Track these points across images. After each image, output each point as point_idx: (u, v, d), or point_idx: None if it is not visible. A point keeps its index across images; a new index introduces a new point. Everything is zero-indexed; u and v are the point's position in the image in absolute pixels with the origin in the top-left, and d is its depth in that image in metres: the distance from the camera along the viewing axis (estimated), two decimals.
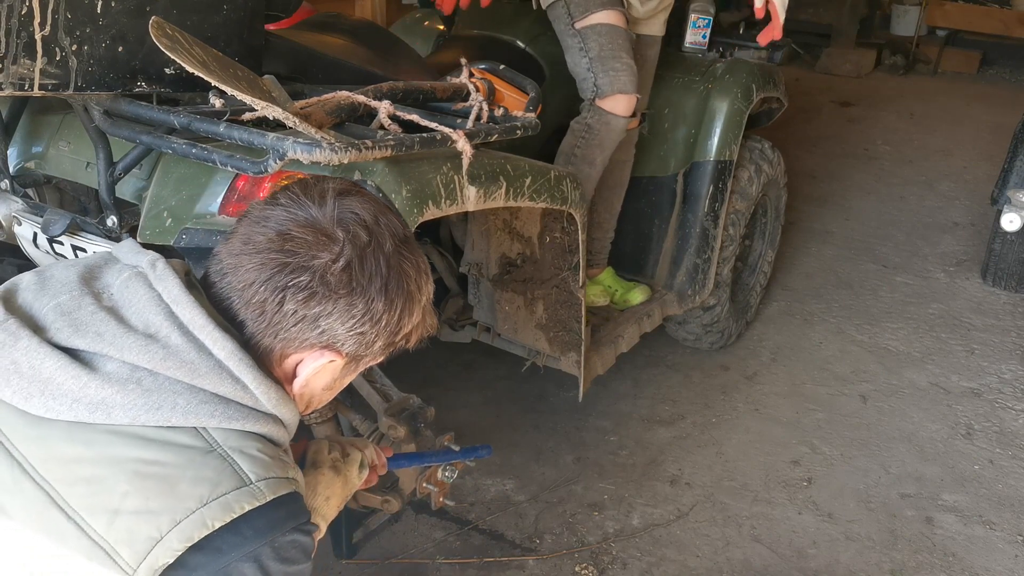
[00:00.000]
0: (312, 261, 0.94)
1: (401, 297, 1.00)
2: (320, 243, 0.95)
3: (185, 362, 0.91)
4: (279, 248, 0.94)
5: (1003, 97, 6.77)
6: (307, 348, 0.99)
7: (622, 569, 2.16)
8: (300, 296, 0.94)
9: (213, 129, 1.38)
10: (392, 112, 1.58)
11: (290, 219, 0.96)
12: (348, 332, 0.98)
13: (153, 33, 1.26)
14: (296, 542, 0.96)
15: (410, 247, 1.03)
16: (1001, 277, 3.76)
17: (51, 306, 0.94)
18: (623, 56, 2.37)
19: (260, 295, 0.95)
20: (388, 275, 0.98)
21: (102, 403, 0.89)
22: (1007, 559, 2.26)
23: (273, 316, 0.95)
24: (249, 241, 0.96)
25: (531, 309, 2.27)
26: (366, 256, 0.97)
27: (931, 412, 2.88)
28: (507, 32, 2.66)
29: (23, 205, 1.78)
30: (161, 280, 0.96)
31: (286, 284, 0.94)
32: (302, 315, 0.95)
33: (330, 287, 0.95)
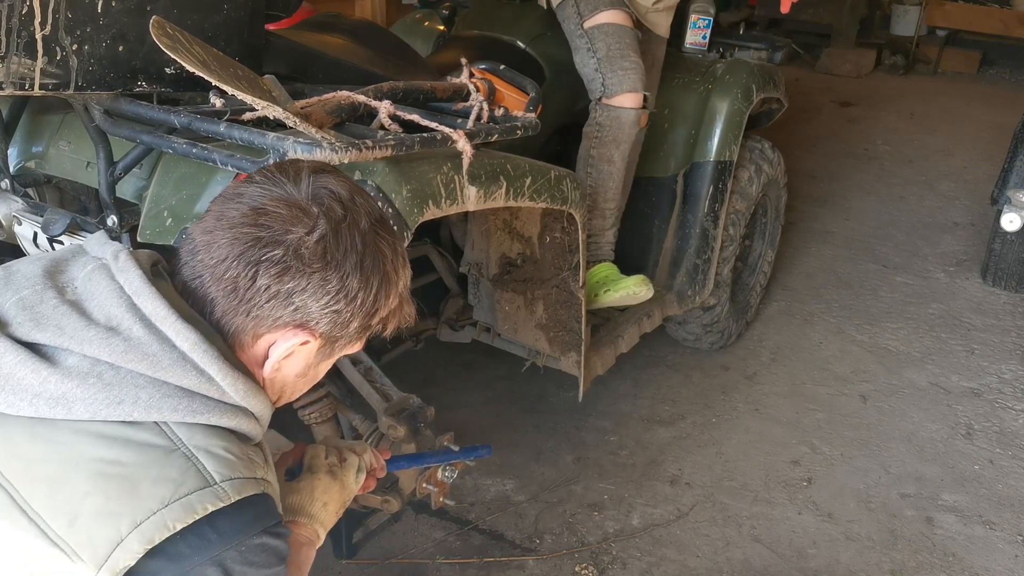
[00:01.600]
0: (286, 235, 0.92)
1: (377, 276, 0.98)
2: (294, 217, 0.93)
3: (147, 355, 0.89)
4: (253, 222, 0.93)
5: (1003, 97, 6.78)
6: (280, 327, 0.96)
7: (622, 569, 2.16)
8: (273, 270, 0.92)
9: (213, 129, 1.38)
10: (392, 112, 1.58)
11: (264, 195, 0.94)
12: (322, 309, 0.95)
13: (154, 32, 1.26)
14: (265, 546, 0.93)
15: (386, 228, 1.01)
16: (1001, 277, 3.76)
17: (13, 301, 0.92)
18: (631, 55, 2.38)
19: (232, 270, 0.93)
20: (364, 251, 0.96)
21: (62, 398, 0.86)
22: (1007, 559, 2.26)
23: (245, 292, 0.93)
24: (222, 217, 0.94)
25: (531, 309, 2.27)
26: (341, 231, 0.95)
27: (931, 412, 2.88)
28: (507, 32, 2.66)
29: (23, 205, 1.78)
30: (123, 272, 0.94)
31: (259, 258, 0.92)
32: (275, 291, 0.93)
33: (304, 261, 0.93)
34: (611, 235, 2.55)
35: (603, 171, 2.44)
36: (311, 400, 1.79)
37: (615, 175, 2.46)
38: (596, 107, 2.43)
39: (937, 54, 7.72)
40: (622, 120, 2.40)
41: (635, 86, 2.38)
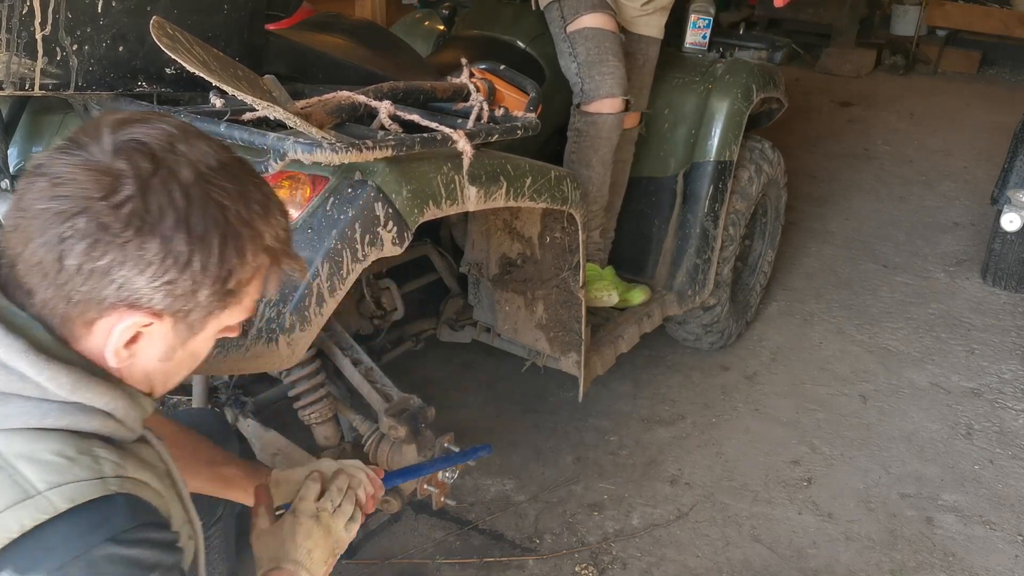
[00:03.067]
0: (87, 204, 0.79)
1: (215, 232, 0.83)
2: (94, 181, 0.80)
3: None
4: (50, 195, 0.80)
5: (1003, 97, 6.78)
6: (110, 310, 0.83)
7: (622, 569, 2.16)
8: (79, 247, 0.79)
9: (214, 129, 1.38)
10: (393, 112, 1.58)
11: (61, 163, 0.81)
12: (150, 283, 0.81)
13: (154, 33, 1.26)
14: (116, 557, 0.79)
15: (226, 174, 0.85)
16: (1001, 277, 3.76)
17: None
18: (610, 59, 2.38)
19: (39, 253, 0.80)
20: (187, 208, 0.81)
21: None
22: (1007, 559, 2.26)
23: (57, 276, 0.81)
24: (22, 196, 0.82)
25: (531, 309, 2.27)
26: (151, 187, 0.80)
27: (931, 412, 2.88)
28: (507, 32, 2.66)
29: None
30: None
31: (62, 235, 0.79)
32: (88, 269, 0.80)
33: (110, 231, 0.79)
34: (595, 236, 2.57)
35: (581, 175, 2.44)
36: (311, 400, 1.79)
37: (594, 179, 2.47)
38: (575, 112, 2.45)
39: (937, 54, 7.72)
40: (599, 125, 2.41)
41: (612, 91, 2.37)
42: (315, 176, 1.50)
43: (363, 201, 1.47)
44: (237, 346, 1.45)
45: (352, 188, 1.48)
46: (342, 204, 1.47)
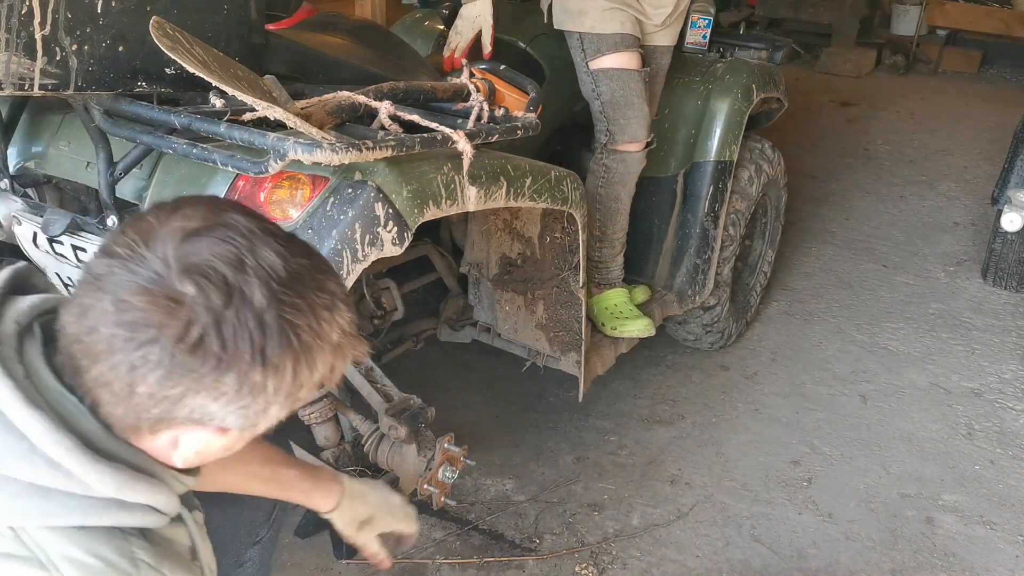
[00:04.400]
0: (158, 334, 0.75)
1: (289, 357, 0.79)
2: (163, 309, 0.75)
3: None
4: (116, 321, 0.76)
5: (1003, 97, 6.77)
6: (179, 425, 0.81)
7: (622, 569, 2.16)
8: (152, 377, 0.76)
9: (214, 129, 1.38)
10: (393, 112, 1.58)
11: (125, 278, 0.76)
12: (224, 408, 0.79)
13: (154, 33, 1.26)
14: None
15: (298, 288, 0.80)
16: (1001, 277, 3.76)
17: None
18: (635, 101, 2.39)
19: (108, 377, 0.77)
20: (263, 337, 0.77)
21: None
22: (1007, 559, 2.26)
23: (128, 399, 0.78)
24: (86, 312, 0.77)
25: (531, 309, 2.27)
26: (224, 321, 0.76)
27: (931, 412, 2.88)
28: (507, 32, 2.65)
29: (23, 205, 1.78)
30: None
31: (133, 364, 0.76)
32: (161, 397, 0.77)
33: (185, 366, 0.76)
34: (620, 260, 2.61)
35: (611, 208, 2.51)
36: (311, 400, 1.79)
37: (622, 211, 2.53)
38: (603, 151, 2.47)
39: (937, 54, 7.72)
40: (628, 163, 2.47)
41: (636, 135, 2.42)
42: (315, 176, 1.50)
43: (363, 201, 1.47)
44: None
45: (352, 188, 1.48)
46: (342, 204, 1.47)
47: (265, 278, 0.78)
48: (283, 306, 0.78)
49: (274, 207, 1.51)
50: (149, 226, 0.78)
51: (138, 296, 0.75)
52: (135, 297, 0.75)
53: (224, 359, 0.76)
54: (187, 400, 0.77)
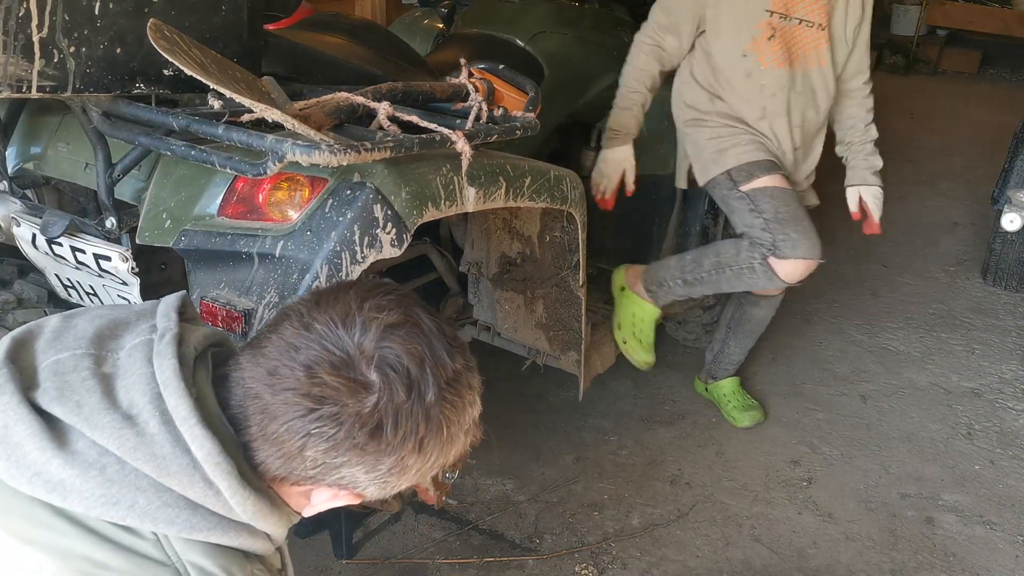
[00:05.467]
0: (341, 411, 0.84)
1: (438, 447, 0.91)
2: (351, 391, 0.85)
3: (156, 455, 0.82)
4: (306, 392, 0.85)
5: (1003, 97, 6.77)
6: (323, 485, 0.90)
7: (622, 569, 2.16)
8: (323, 446, 0.85)
9: (212, 131, 1.38)
10: (391, 113, 1.58)
11: (322, 355, 0.85)
12: (371, 480, 0.89)
13: (151, 35, 1.26)
14: None
15: (457, 387, 0.91)
16: (1001, 277, 3.76)
17: (51, 362, 0.86)
18: (803, 219, 2.26)
19: (280, 434, 0.86)
20: (426, 431, 0.88)
21: (60, 485, 0.80)
22: (1007, 559, 2.25)
23: (290, 457, 0.87)
24: (275, 373, 0.86)
25: (531, 308, 2.27)
26: (401, 414, 0.86)
27: (931, 412, 2.88)
28: (506, 31, 2.66)
29: (22, 206, 1.78)
30: (160, 356, 0.86)
31: (309, 431, 0.85)
32: (322, 462, 0.87)
33: (357, 443, 0.85)
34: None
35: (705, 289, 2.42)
36: None
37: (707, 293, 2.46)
38: (760, 258, 2.27)
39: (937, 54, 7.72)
40: (772, 286, 2.33)
41: (808, 254, 2.23)
42: (314, 178, 1.50)
43: (362, 203, 1.46)
44: None
45: (351, 190, 1.48)
46: (341, 206, 1.47)
47: (438, 376, 0.89)
48: (445, 403, 0.89)
49: (273, 208, 1.51)
50: (347, 309, 0.88)
51: (331, 374, 0.85)
52: (328, 374, 0.85)
53: (392, 445, 0.87)
54: (343, 470, 0.87)
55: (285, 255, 1.47)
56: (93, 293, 1.81)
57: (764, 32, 2.22)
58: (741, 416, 2.73)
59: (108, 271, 1.68)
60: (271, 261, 1.48)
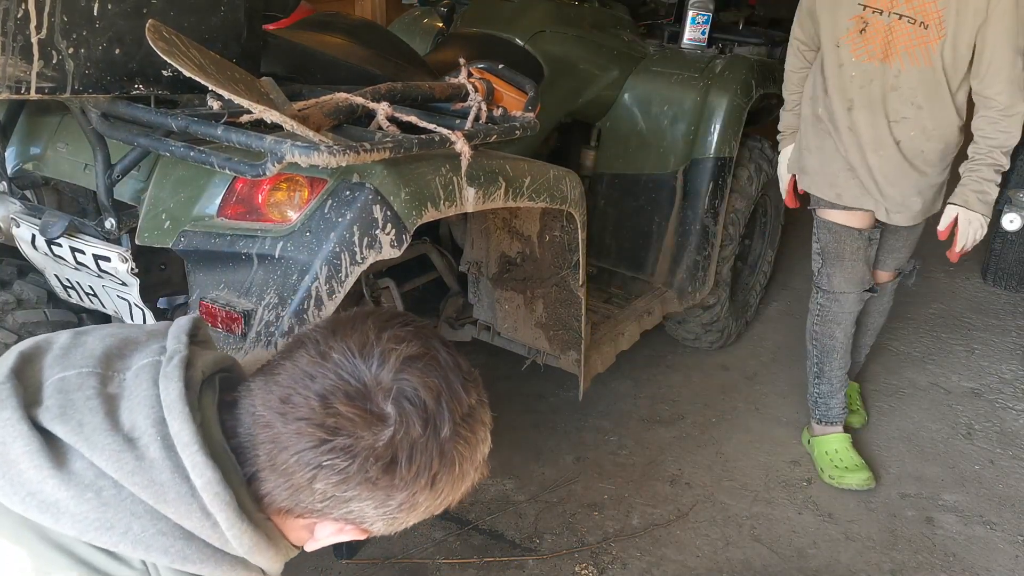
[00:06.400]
0: (355, 444, 0.82)
1: (449, 484, 0.89)
2: (366, 423, 0.83)
3: (155, 481, 0.79)
4: (319, 422, 0.83)
5: None
6: (329, 519, 0.88)
7: (622, 569, 2.15)
8: (334, 479, 0.83)
9: (211, 132, 1.38)
10: (390, 113, 1.58)
11: (338, 384, 0.84)
12: (379, 516, 0.88)
13: (150, 37, 1.26)
14: None
15: (472, 422, 0.90)
16: (1001, 277, 3.76)
17: (56, 379, 0.85)
18: (846, 257, 2.44)
19: (291, 465, 0.84)
20: (439, 467, 0.86)
21: (54, 505, 0.78)
22: (1007, 559, 2.25)
23: (299, 488, 0.84)
24: (288, 400, 0.84)
25: (531, 308, 2.27)
26: (416, 449, 0.84)
27: (931, 412, 2.88)
28: (506, 30, 2.65)
29: (21, 207, 1.78)
30: (166, 378, 0.84)
31: (320, 463, 0.83)
32: (331, 495, 0.84)
33: (369, 477, 0.83)
34: (841, 397, 2.62)
35: (826, 345, 2.57)
36: None
37: (838, 349, 2.56)
38: (817, 290, 2.56)
39: None
40: (841, 303, 2.50)
41: (842, 287, 2.47)
42: (313, 178, 1.50)
43: (361, 204, 1.46)
44: (235, 350, 1.44)
45: (350, 191, 1.48)
46: (340, 207, 1.47)
47: (454, 411, 0.87)
48: (459, 439, 0.88)
49: (272, 209, 1.51)
50: (365, 339, 0.86)
51: (346, 405, 0.83)
52: (343, 405, 0.82)
53: (405, 480, 0.85)
54: (352, 504, 0.85)
55: (284, 256, 1.47)
56: (92, 293, 1.81)
57: (856, 25, 2.23)
58: None
59: (107, 272, 1.68)
60: (270, 262, 1.47)
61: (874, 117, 2.27)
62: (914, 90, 2.22)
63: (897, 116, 2.26)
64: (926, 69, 2.19)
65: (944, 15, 2.13)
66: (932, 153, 2.32)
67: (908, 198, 2.36)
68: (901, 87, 2.22)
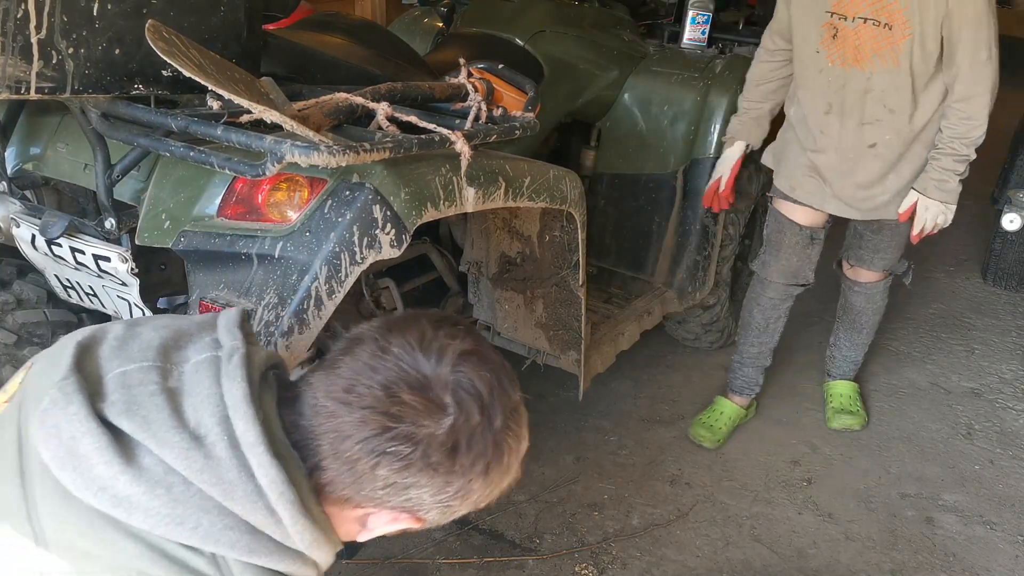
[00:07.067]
0: (417, 431, 0.86)
1: (499, 474, 0.93)
2: (428, 412, 0.87)
3: (223, 480, 0.82)
4: (384, 410, 0.86)
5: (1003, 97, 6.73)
6: (386, 508, 0.92)
7: (622, 569, 2.15)
8: (396, 465, 0.87)
9: (211, 132, 1.38)
10: (390, 113, 1.58)
11: (400, 375, 0.88)
12: (435, 503, 0.91)
13: (150, 37, 1.26)
14: None
15: (518, 417, 0.95)
16: (1001, 277, 3.76)
17: (117, 373, 0.87)
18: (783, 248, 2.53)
19: (354, 453, 0.87)
20: (492, 456, 0.91)
21: (126, 500, 0.80)
22: (1007, 559, 2.25)
23: (362, 475, 0.88)
24: (352, 390, 0.88)
25: (531, 308, 2.27)
26: (475, 436, 0.89)
27: (931, 412, 2.88)
28: (506, 30, 2.65)
29: (21, 207, 1.78)
30: (229, 378, 0.87)
31: (384, 449, 0.86)
32: (392, 481, 0.88)
33: (430, 463, 0.87)
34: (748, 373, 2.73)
35: (744, 320, 2.70)
36: None
37: (752, 328, 2.67)
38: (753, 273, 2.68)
39: None
40: (766, 288, 2.61)
41: (771, 276, 2.57)
42: (313, 179, 1.50)
43: (361, 204, 1.46)
44: None
45: (350, 191, 1.48)
46: (340, 207, 1.47)
47: (504, 405, 0.92)
48: (509, 432, 0.93)
49: (272, 209, 1.51)
50: (422, 334, 0.91)
51: (409, 393, 0.87)
52: (407, 393, 0.87)
53: (464, 467, 0.89)
54: (411, 491, 0.89)
55: (284, 256, 1.46)
56: (93, 294, 1.81)
57: (828, 32, 2.25)
58: (832, 417, 2.77)
59: (107, 272, 1.68)
60: (270, 262, 1.47)
61: (851, 120, 2.31)
62: (885, 92, 2.25)
63: (871, 119, 2.29)
64: (894, 70, 2.22)
65: (907, 15, 2.15)
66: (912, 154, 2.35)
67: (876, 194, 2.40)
68: (874, 89, 2.25)
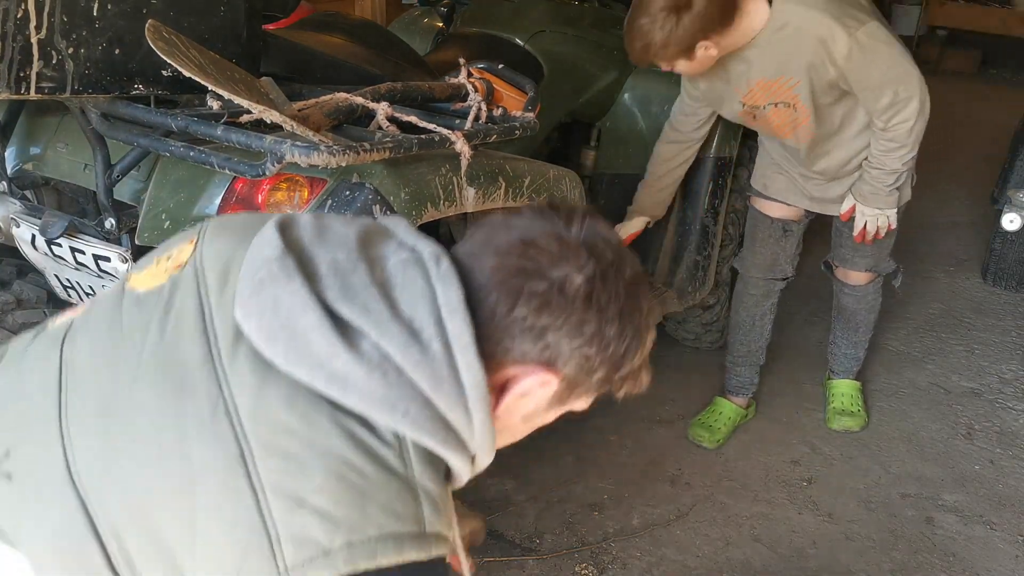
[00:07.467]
0: (553, 270, 0.89)
1: (632, 329, 0.93)
2: (564, 255, 0.90)
3: (435, 375, 0.85)
4: (520, 252, 0.90)
5: (1003, 97, 6.77)
6: (525, 363, 0.92)
7: (622, 569, 2.15)
8: (533, 303, 0.88)
9: (211, 132, 1.38)
10: (390, 113, 1.58)
11: (536, 228, 0.92)
12: (573, 350, 0.91)
13: (150, 37, 1.26)
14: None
15: (646, 286, 0.97)
16: (1001, 277, 3.76)
17: (328, 260, 0.89)
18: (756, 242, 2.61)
19: (492, 297, 0.89)
20: (625, 302, 0.92)
21: (344, 380, 0.82)
22: (1007, 559, 2.25)
23: (502, 320, 0.89)
24: (489, 243, 0.92)
25: None
26: (608, 275, 0.91)
27: (931, 412, 2.88)
28: (506, 30, 2.65)
29: (21, 207, 1.78)
30: (443, 281, 0.89)
31: (521, 288, 0.88)
32: (531, 323, 0.89)
33: (567, 299, 0.89)
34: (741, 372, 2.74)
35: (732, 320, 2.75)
36: None
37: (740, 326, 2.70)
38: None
39: (937, 54, 7.72)
40: (747, 283, 2.65)
41: (749, 272, 2.63)
42: (313, 178, 1.50)
43: (361, 204, 1.47)
44: None
45: (350, 190, 1.48)
46: (340, 206, 1.47)
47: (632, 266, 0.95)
48: (638, 287, 0.95)
49: (272, 209, 1.51)
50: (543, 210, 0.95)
51: (546, 238, 0.90)
52: (543, 238, 0.90)
53: (599, 307, 0.90)
54: (549, 335, 0.89)
55: None
56: (92, 294, 1.81)
57: (748, 116, 2.33)
58: (833, 417, 2.76)
59: (107, 272, 1.68)
60: None
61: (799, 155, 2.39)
62: (816, 142, 2.32)
63: (815, 156, 2.37)
64: (816, 131, 2.29)
65: (800, 98, 2.18)
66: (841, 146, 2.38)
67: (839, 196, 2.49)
68: (805, 142, 2.32)
